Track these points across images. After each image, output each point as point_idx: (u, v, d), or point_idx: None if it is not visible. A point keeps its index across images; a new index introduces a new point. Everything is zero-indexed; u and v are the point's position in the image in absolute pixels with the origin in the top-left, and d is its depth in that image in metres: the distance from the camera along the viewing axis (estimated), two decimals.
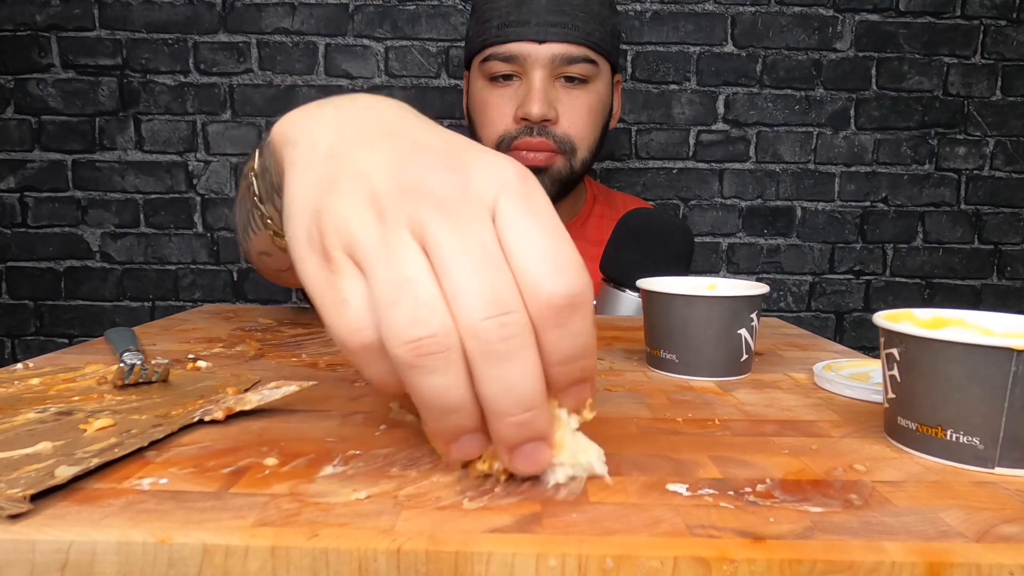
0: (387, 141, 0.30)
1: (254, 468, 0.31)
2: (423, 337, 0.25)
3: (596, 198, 1.05)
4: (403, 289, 0.25)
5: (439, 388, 0.25)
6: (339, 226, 0.28)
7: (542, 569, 0.24)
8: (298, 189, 0.31)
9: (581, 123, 0.91)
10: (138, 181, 1.44)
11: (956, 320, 0.40)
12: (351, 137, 0.31)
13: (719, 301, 0.48)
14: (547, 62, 0.87)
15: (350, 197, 0.28)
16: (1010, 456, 0.32)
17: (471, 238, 0.26)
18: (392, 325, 0.25)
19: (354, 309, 0.27)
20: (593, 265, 0.95)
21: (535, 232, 0.26)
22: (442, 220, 0.26)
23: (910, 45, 1.43)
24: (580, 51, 0.88)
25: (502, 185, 0.28)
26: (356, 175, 0.29)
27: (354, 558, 0.24)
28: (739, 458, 0.34)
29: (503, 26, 0.88)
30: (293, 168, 0.32)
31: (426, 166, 0.28)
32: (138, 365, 0.45)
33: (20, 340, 1.48)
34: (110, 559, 0.25)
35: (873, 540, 0.26)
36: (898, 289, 1.50)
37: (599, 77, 0.92)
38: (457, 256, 0.25)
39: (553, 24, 0.86)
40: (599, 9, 0.90)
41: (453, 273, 0.25)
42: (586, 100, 0.91)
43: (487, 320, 0.25)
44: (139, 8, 1.39)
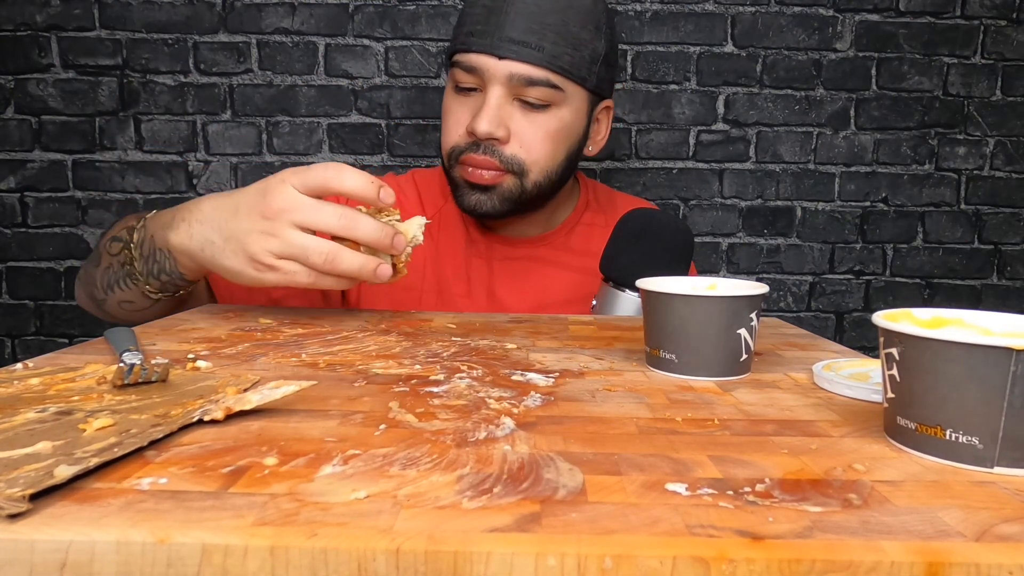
0: (230, 206, 0.64)
1: (253, 468, 0.31)
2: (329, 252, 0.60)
3: (588, 204, 0.99)
4: (308, 244, 0.60)
5: (351, 265, 0.61)
6: (265, 246, 0.61)
7: (541, 568, 0.24)
8: (211, 246, 0.64)
9: (535, 147, 0.83)
10: (138, 181, 1.44)
11: (955, 320, 0.40)
12: (218, 217, 0.64)
13: (719, 301, 0.48)
14: (504, 80, 0.81)
15: (255, 235, 0.61)
16: (1009, 456, 0.32)
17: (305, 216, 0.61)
18: (312, 256, 0.60)
19: (290, 269, 0.62)
20: (577, 277, 0.93)
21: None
22: (294, 217, 0.60)
23: (910, 45, 1.43)
24: (542, 74, 0.81)
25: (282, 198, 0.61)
26: (245, 226, 0.62)
27: (353, 558, 0.24)
28: (738, 458, 0.34)
29: (469, 35, 0.82)
30: (196, 241, 0.65)
31: (256, 206, 0.61)
32: (138, 365, 0.45)
33: (20, 340, 1.48)
34: (109, 559, 0.25)
35: (872, 540, 0.26)
36: (898, 289, 1.50)
37: (565, 103, 0.84)
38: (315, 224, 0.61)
39: (516, 41, 0.79)
40: (578, 31, 0.82)
41: (321, 228, 0.61)
42: (544, 125, 0.83)
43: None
44: (139, 8, 1.39)
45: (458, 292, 0.91)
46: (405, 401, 0.42)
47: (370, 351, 0.56)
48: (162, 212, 0.72)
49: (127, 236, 0.73)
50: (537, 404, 0.42)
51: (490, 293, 0.91)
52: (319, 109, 1.43)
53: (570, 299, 0.92)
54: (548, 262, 0.93)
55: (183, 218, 0.67)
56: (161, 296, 0.74)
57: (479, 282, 0.92)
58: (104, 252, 0.76)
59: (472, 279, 0.92)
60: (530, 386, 0.46)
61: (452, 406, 0.41)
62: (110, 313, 0.79)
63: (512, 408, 0.41)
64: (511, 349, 0.57)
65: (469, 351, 0.56)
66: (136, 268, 0.71)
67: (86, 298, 0.81)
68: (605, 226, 0.95)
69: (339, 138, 1.43)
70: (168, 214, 0.70)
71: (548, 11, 0.80)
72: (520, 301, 0.91)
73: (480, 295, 0.91)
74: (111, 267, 0.74)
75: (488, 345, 0.59)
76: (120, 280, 0.74)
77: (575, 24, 0.82)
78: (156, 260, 0.70)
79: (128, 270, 0.73)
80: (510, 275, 0.92)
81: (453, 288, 0.91)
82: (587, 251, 0.94)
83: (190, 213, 0.67)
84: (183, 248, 0.66)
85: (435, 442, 0.35)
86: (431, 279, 0.91)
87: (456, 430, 0.37)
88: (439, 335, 0.63)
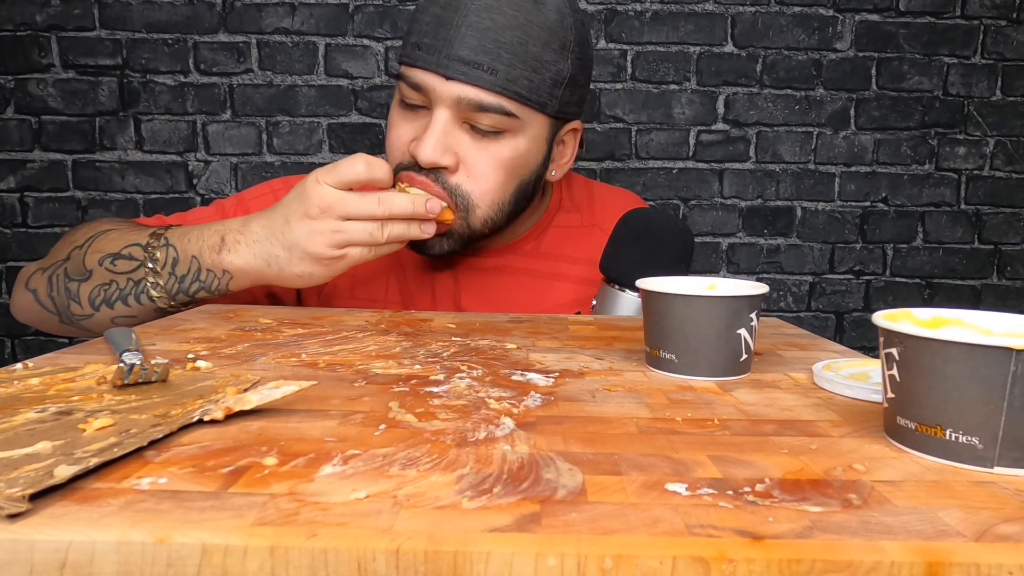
0: (279, 219, 0.70)
1: (253, 468, 0.31)
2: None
3: (561, 204, 0.91)
4: (360, 228, 0.69)
5: (401, 224, 0.71)
6: (325, 242, 0.69)
7: (541, 568, 0.24)
8: (277, 260, 0.70)
9: (483, 178, 0.76)
10: (138, 181, 1.44)
11: (955, 320, 0.40)
12: (272, 232, 0.70)
13: (719, 301, 0.48)
14: (452, 103, 0.72)
15: (313, 236, 0.69)
16: (1009, 456, 0.32)
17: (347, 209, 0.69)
18: (369, 237, 0.69)
19: (352, 253, 0.70)
20: (548, 283, 0.87)
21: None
22: (339, 211, 0.68)
23: (910, 45, 1.43)
24: (494, 100, 0.72)
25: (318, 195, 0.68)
26: (300, 233, 0.69)
27: (353, 558, 0.24)
28: (738, 458, 0.34)
29: (416, 47, 0.73)
30: (261, 259, 0.71)
31: (302, 212, 0.69)
32: (137, 365, 0.45)
33: (20, 340, 1.48)
34: (109, 559, 0.25)
35: (872, 540, 0.26)
36: (898, 289, 1.50)
37: (521, 131, 0.76)
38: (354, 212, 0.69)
39: (466, 62, 0.71)
40: (538, 51, 0.73)
41: (364, 216, 0.69)
42: (496, 154, 0.75)
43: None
44: (139, 8, 1.39)
45: (423, 305, 0.87)
46: (405, 401, 0.42)
47: (370, 351, 0.56)
48: (188, 232, 0.72)
49: (143, 255, 0.71)
50: (537, 404, 0.42)
51: (456, 306, 0.87)
52: (319, 109, 1.43)
53: (542, 308, 0.86)
54: (516, 271, 0.87)
55: (236, 240, 0.71)
56: (176, 309, 0.74)
57: (444, 294, 0.87)
58: (100, 269, 0.72)
59: (436, 291, 0.87)
60: (530, 386, 0.46)
61: (452, 406, 0.41)
62: (85, 328, 0.75)
63: (512, 408, 0.41)
64: (511, 349, 0.57)
65: (469, 351, 0.56)
66: (160, 284, 0.72)
67: (46, 312, 0.76)
68: (580, 226, 0.91)
69: (339, 138, 1.43)
70: (209, 236, 0.71)
71: (504, 27, 0.71)
72: (486, 312, 0.85)
73: (446, 309, 0.87)
74: (112, 284, 0.72)
75: (488, 345, 0.59)
76: (127, 297, 0.72)
77: (536, 43, 0.73)
78: (199, 279, 0.72)
79: (143, 287, 0.72)
80: (476, 286, 0.87)
81: (418, 301, 0.87)
82: (560, 255, 0.88)
83: (242, 235, 0.71)
84: (248, 268, 0.71)
85: (435, 442, 0.35)
86: (394, 292, 0.88)
87: (456, 430, 0.37)
88: (439, 335, 0.63)
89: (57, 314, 0.75)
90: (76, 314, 0.74)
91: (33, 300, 0.76)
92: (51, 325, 0.78)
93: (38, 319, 0.78)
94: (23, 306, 0.78)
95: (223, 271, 0.71)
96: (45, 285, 0.76)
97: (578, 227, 0.91)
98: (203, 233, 0.72)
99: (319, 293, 0.89)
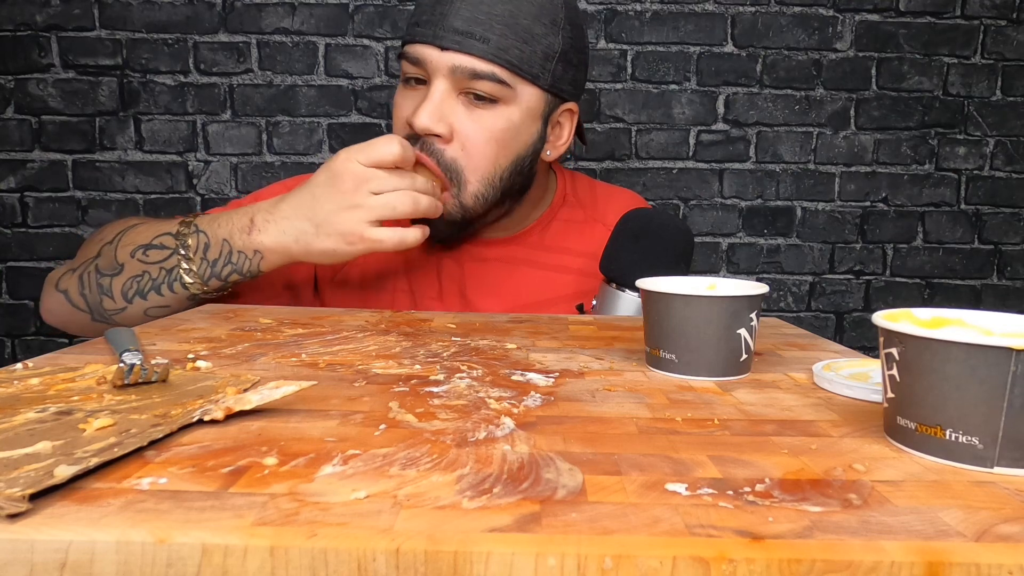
0: (307, 196, 0.74)
1: (253, 468, 0.31)
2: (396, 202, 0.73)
3: (565, 199, 0.94)
4: (389, 201, 0.73)
5: (426, 190, 0.76)
6: (356, 218, 0.72)
7: (541, 568, 0.24)
8: (304, 235, 0.73)
9: (476, 149, 0.79)
10: (138, 181, 1.44)
11: (956, 320, 0.40)
12: (302, 209, 0.74)
13: (719, 301, 0.48)
14: (447, 72, 0.77)
15: (343, 212, 0.72)
16: (1009, 456, 0.32)
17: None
18: (399, 207, 0.73)
19: (385, 230, 0.73)
20: (552, 275, 0.89)
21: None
22: (370, 187, 0.72)
23: (910, 45, 1.43)
24: (486, 67, 0.76)
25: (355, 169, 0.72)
26: (330, 207, 0.73)
27: (353, 558, 0.24)
28: (738, 458, 0.34)
29: (415, 24, 0.79)
30: (290, 235, 0.74)
31: (334, 187, 0.73)
32: (138, 365, 0.45)
33: (20, 340, 1.48)
34: (109, 559, 0.25)
35: (872, 540, 0.26)
36: (898, 289, 1.50)
37: (515, 102, 0.79)
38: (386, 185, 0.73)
39: (460, 32, 0.76)
40: (529, 24, 0.77)
41: (390, 190, 0.73)
42: (490, 123, 0.79)
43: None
44: (139, 8, 1.39)
45: (430, 295, 0.89)
46: (405, 401, 0.42)
47: (370, 351, 0.56)
48: (217, 218, 0.75)
49: (175, 243, 0.74)
50: (537, 404, 0.42)
51: (462, 295, 0.89)
52: (319, 109, 1.43)
53: (545, 299, 0.88)
54: (521, 262, 0.90)
55: (266, 219, 0.74)
56: (209, 296, 0.77)
57: (451, 285, 0.89)
58: (132, 261, 0.74)
59: (443, 281, 0.89)
60: (530, 386, 0.46)
61: (452, 406, 0.41)
62: (117, 323, 0.76)
63: (512, 408, 0.41)
64: (511, 349, 0.57)
65: (469, 351, 0.56)
66: (193, 269, 0.74)
67: (77, 311, 0.77)
68: (584, 221, 0.93)
69: (339, 138, 1.43)
70: (238, 219, 0.74)
71: (495, 1, 0.77)
72: (493, 303, 0.88)
73: (452, 298, 0.89)
74: (144, 275, 0.74)
75: (488, 345, 0.59)
76: (160, 287, 0.74)
77: (526, 17, 0.77)
78: (231, 262, 0.74)
79: (176, 274, 0.74)
80: (482, 277, 0.89)
81: (425, 291, 0.89)
82: (563, 248, 0.91)
83: (271, 215, 0.74)
84: (278, 246, 0.73)
85: (435, 442, 0.35)
86: (402, 283, 0.90)
87: (456, 430, 0.37)
88: (439, 335, 0.63)
89: (89, 312, 0.76)
90: (109, 309, 0.76)
91: (64, 300, 0.77)
92: (82, 324, 0.78)
93: (69, 319, 0.79)
94: (53, 308, 0.79)
95: (254, 251, 0.74)
96: (76, 284, 0.77)
97: (581, 222, 0.93)
98: (232, 217, 0.74)
99: (331, 280, 0.91)
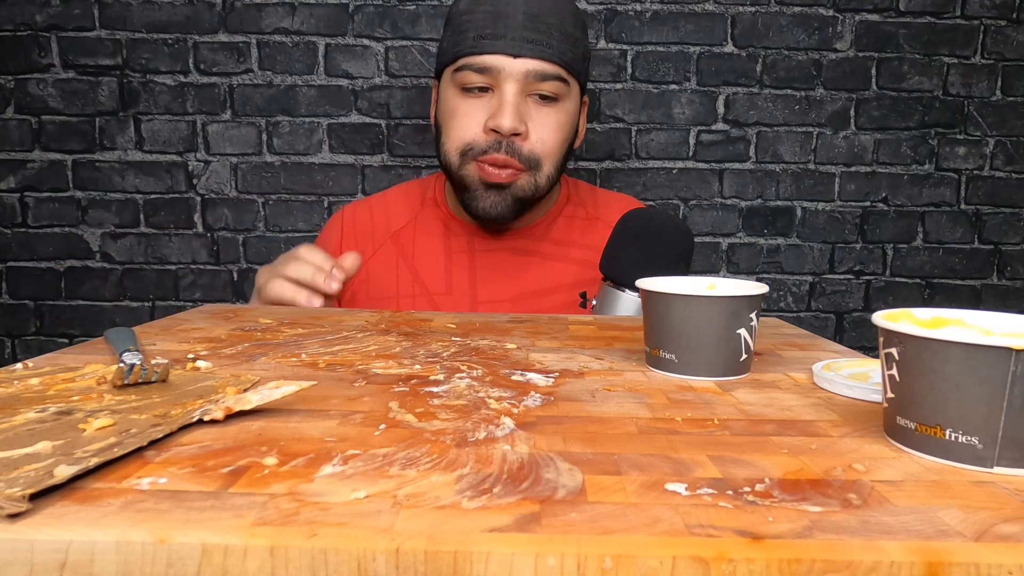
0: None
1: (253, 468, 0.31)
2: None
3: (569, 198, 1.04)
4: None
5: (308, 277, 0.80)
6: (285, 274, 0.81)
7: (541, 568, 0.24)
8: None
9: (550, 140, 0.90)
10: (138, 181, 1.44)
11: (955, 320, 0.40)
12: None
13: (719, 301, 0.48)
14: (521, 77, 0.87)
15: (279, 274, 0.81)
16: (1009, 456, 0.32)
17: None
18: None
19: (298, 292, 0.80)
20: (557, 265, 0.98)
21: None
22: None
23: (910, 45, 1.43)
24: (553, 69, 0.88)
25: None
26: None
27: (353, 558, 0.24)
28: (738, 458, 0.34)
29: (479, 38, 0.87)
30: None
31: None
32: (138, 365, 0.45)
33: (20, 340, 1.48)
34: (109, 559, 0.25)
35: (872, 539, 0.26)
36: (898, 289, 1.50)
37: (569, 96, 0.92)
38: None
39: (529, 40, 0.86)
40: (572, 31, 0.90)
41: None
42: (556, 118, 0.91)
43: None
44: (139, 8, 1.39)
45: (437, 291, 0.96)
46: (405, 401, 0.42)
47: (370, 351, 0.56)
48: None
49: None
50: (537, 404, 0.42)
51: (471, 283, 0.96)
52: (319, 109, 1.43)
53: (550, 287, 0.96)
54: (527, 252, 0.99)
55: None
56: None
57: (460, 276, 0.97)
58: None
59: (453, 275, 0.97)
60: (530, 386, 0.46)
61: (452, 406, 0.41)
62: None
63: (512, 408, 0.41)
64: (511, 349, 0.57)
65: (469, 351, 0.56)
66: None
67: None
68: (586, 218, 1.02)
69: (339, 138, 1.43)
70: None
71: (549, 12, 0.88)
72: (500, 290, 0.96)
73: (462, 288, 0.96)
74: None
75: (488, 345, 0.59)
76: None
77: (569, 24, 0.90)
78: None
79: None
80: (490, 266, 0.97)
81: (431, 288, 0.97)
82: (567, 240, 1.00)
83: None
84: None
85: (435, 442, 0.35)
86: (406, 280, 0.97)
87: (456, 430, 0.37)
88: (439, 335, 0.63)
89: None
90: None
91: None
92: None
93: None
94: None
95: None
96: None
97: (584, 218, 1.02)
98: None
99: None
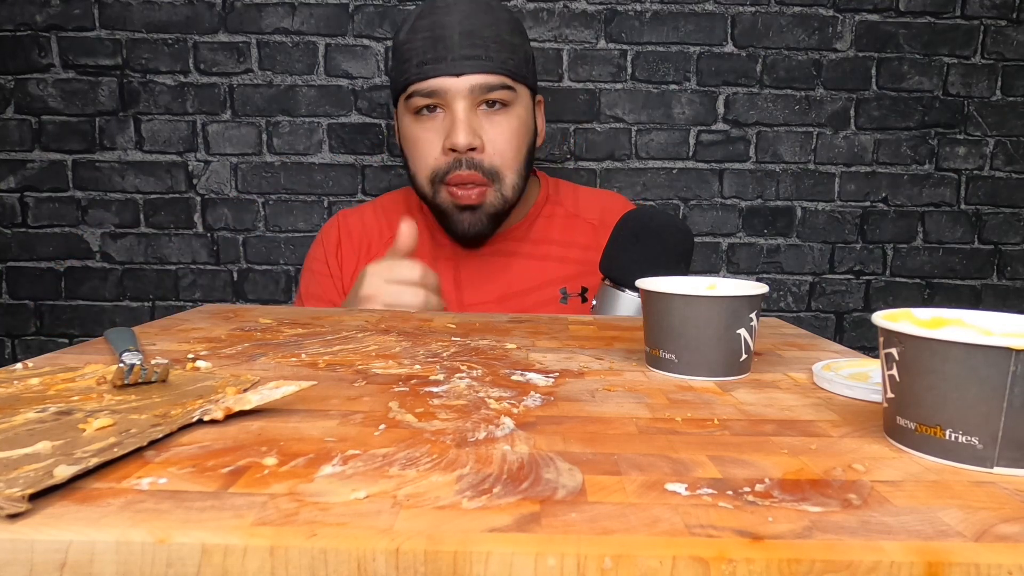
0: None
1: (253, 468, 0.31)
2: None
3: (548, 198, 1.06)
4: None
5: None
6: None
7: (541, 568, 0.24)
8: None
9: (506, 148, 0.93)
10: (138, 181, 1.44)
11: (955, 320, 0.40)
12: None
13: (719, 301, 0.48)
14: (466, 93, 0.90)
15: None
16: (1009, 456, 0.32)
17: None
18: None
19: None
20: (538, 264, 1.01)
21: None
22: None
23: (910, 45, 1.43)
24: (497, 79, 0.91)
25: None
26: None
27: (353, 558, 0.24)
28: (738, 458, 0.34)
29: (421, 64, 0.91)
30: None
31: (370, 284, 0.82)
32: (137, 365, 0.45)
33: (20, 340, 1.48)
34: (109, 559, 0.25)
35: (872, 540, 0.26)
36: (898, 289, 1.50)
37: (518, 101, 0.94)
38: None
39: (468, 57, 0.90)
40: (510, 38, 0.93)
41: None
42: (508, 125, 0.93)
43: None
44: (139, 8, 1.39)
45: None
46: (405, 401, 0.42)
47: (370, 351, 0.56)
48: None
49: None
50: (537, 404, 0.42)
51: (457, 288, 0.99)
52: (319, 109, 1.43)
53: (530, 286, 0.99)
54: (509, 253, 1.01)
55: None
56: None
57: (446, 282, 0.98)
58: None
59: (440, 273, 1.00)
60: (530, 386, 0.46)
61: (452, 406, 0.41)
62: None
63: (512, 408, 0.41)
64: (511, 349, 0.57)
65: (469, 351, 0.56)
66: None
67: None
68: (565, 216, 1.05)
69: (339, 138, 1.43)
70: None
71: (484, 26, 0.91)
72: (484, 292, 0.99)
73: (448, 294, 0.98)
74: None
75: (488, 345, 0.59)
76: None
77: (506, 33, 0.93)
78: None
79: None
80: (474, 270, 1.00)
81: None
82: (547, 239, 1.03)
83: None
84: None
85: (435, 442, 0.35)
86: None
87: (456, 430, 0.37)
88: (439, 335, 0.63)
89: None
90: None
91: None
92: None
93: None
94: None
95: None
96: None
97: (562, 216, 1.05)
98: None
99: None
